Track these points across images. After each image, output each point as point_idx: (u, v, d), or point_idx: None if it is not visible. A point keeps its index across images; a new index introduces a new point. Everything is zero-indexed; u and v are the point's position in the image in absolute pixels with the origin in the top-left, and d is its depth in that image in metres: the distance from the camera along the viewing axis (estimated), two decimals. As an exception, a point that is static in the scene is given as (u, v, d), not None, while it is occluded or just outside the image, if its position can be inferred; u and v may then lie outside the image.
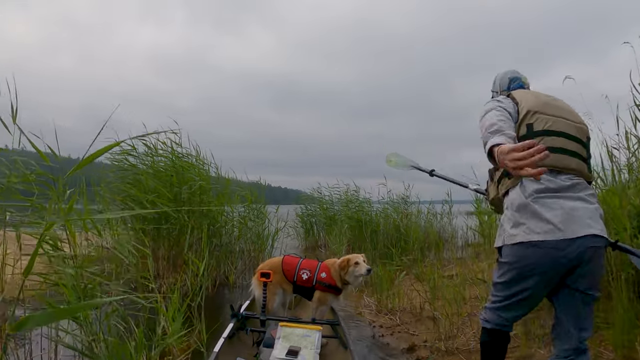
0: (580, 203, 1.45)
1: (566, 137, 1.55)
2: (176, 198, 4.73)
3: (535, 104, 1.60)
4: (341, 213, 8.02)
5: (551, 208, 1.43)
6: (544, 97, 1.68)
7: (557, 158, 1.49)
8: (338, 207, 8.47)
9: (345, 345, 2.48)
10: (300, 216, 9.07)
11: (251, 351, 2.51)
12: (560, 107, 1.65)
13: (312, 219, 9.00)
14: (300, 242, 8.77)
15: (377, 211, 7.48)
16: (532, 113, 1.57)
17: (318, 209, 8.94)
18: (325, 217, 8.46)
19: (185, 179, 4.75)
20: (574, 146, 1.56)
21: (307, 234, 8.94)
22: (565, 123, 1.58)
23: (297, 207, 9.35)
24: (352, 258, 2.79)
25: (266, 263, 3.02)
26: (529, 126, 1.56)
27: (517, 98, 1.65)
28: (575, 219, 1.40)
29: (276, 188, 36.64)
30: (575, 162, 1.53)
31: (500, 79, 1.99)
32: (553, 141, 1.51)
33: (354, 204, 7.75)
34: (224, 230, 5.15)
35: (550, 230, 1.40)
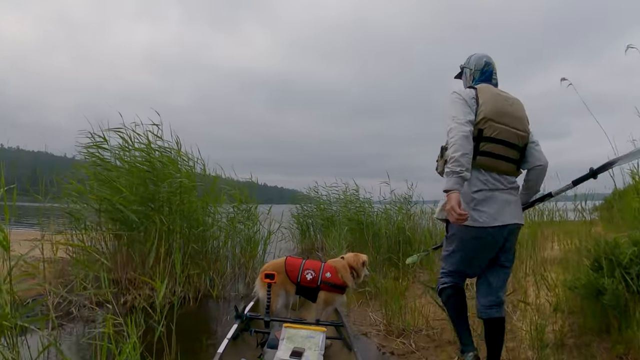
0: (508, 198, 1.95)
1: (506, 144, 1.94)
2: (153, 197, 4.14)
3: (491, 111, 1.92)
4: (340, 214, 7.44)
5: (489, 202, 1.90)
6: (501, 102, 1.98)
7: (495, 163, 1.94)
8: (336, 207, 7.89)
9: (350, 347, 2.48)
10: (296, 217, 8.49)
11: (255, 352, 2.49)
12: (511, 115, 1.97)
13: (309, 220, 8.41)
14: (296, 245, 8.18)
15: (378, 212, 6.90)
16: (486, 120, 1.91)
17: (315, 210, 8.36)
18: (322, 218, 7.86)
19: (163, 176, 4.15)
20: (511, 153, 1.97)
21: (303, 236, 8.35)
22: (509, 132, 1.94)
23: (293, 207, 8.78)
24: (365, 258, 2.95)
25: (269, 264, 2.98)
26: (480, 131, 1.91)
27: (481, 99, 1.94)
28: (505, 211, 1.92)
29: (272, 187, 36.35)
30: (508, 166, 1.98)
31: (476, 60, 2.18)
32: (495, 148, 1.93)
33: (354, 204, 7.15)
34: (209, 234, 4.53)
35: (489, 219, 1.89)
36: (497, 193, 1.93)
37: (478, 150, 1.91)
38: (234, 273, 4.83)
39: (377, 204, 7.21)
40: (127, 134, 4.56)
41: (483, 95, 1.96)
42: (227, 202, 5.01)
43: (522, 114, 2.05)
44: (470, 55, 2.22)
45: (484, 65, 2.15)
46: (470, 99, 1.94)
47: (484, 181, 1.93)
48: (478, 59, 2.17)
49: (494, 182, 1.94)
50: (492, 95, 1.98)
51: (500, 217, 1.90)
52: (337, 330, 2.77)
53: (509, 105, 2.00)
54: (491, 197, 1.92)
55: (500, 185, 1.95)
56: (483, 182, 1.93)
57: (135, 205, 3.98)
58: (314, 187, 8.56)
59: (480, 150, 1.91)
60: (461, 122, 1.86)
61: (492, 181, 1.94)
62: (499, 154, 1.93)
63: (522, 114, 2.05)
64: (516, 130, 1.97)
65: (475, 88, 2.01)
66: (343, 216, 7.10)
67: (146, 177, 4.12)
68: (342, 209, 7.38)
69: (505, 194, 1.96)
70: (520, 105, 2.07)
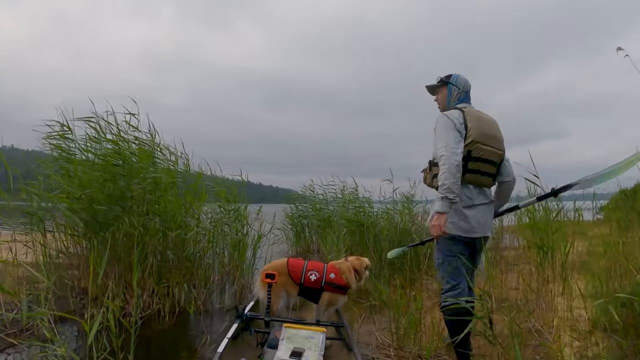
0: (487, 214, 2.31)
1: (489, 163, 2.27)
2: (124, 195, 3.56)
3: (478, 134, 2.19)
4: (337, 214, 6.91)
5: (473, 217, 2.22)
6: (485, 125, 2.25)
7: (480, 178, 2.27)
8: (333, 207, 7.35)
9: (350, 347, 2.47)
10: (290, 217, 7.93)
11: (255, 352, 2.48)
12: (493, 137, 2.28)
13: (304, 221, 7.85)
14: (290, 248, 7.62)
15: (377, 211, 6.36)
16: (474, 143, 2.19)
17: (310, 210, 7.80)
18: (318, 219, 7.30)
19: (137, 171, 3.58)
20: (491, 169, 2.31)
21: (297, 238, 7.79)
22: (491, 152, 2.26)
23: (287, 206, 8.22)
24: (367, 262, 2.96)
25: (271, 264, 2.95)
26: (469, 152, 2.19)
27: (469, 123, 2.19)
28: (484, 224, 2.28)
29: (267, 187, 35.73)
30: (488, 180, 2.33)
31: (464, 82, 2.40)
32: (481, 166, 2.24)
33: (352, 203, 6.61)
34: (190, 237, 3.95)
35: (472, 231, 2.22)
36: (481, 207, 2.25)
37: (467, 169, 2.19)
38: (220, 282, 4.26)
39: (376, 203, 6.69)
40: (98, 124, 3.99)
41: (471, 119, 2.19)
42: (213, 202, 4.43)
43: (500, 134, 2.35)
44: (456, 75, 2.43)
45: (469, 87, 2.42)
46: (459, 124, 2.16)
47: (470, 196, 2.22)
48: (465, 82, 2.41)
49: (479, 197, 2.26)
50: (477, 119, 2.23)
51: (481, 229, 2.24)
52: (337, 331, 2.77)
53: (490, 128, 2.28)
54: (477, 212, 2.23)
55: (484, 200, 2.29)
56: (470, 197, 2.22)
57: (100, 204, 3.40)
58: (310, 186, 8.02)
59: (469, 168, 2.20)
60: (454, 150, 2.07)
61: (477, 196, 2.25)
62: (483, 171, 2.24)
63: (500, 134, 2.35)
64: (496, 150, 2.28)
65: (462, 111, 2.24)
66: (341, 216, 6.57)
67: (116, 171, 3.54)
68: (340, 208, 6.85)
69: (487, 208, 2.30)
70: (497, 126, 2.35)
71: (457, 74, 2.42)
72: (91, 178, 3.39)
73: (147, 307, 3.63)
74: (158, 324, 3.46)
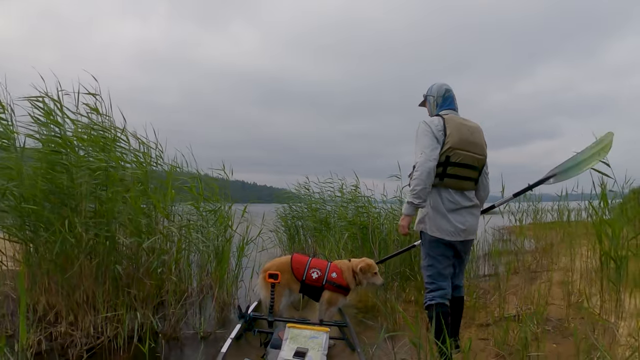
0: (471, 218, 2.34)
1: (469, 167, 2.29)
2: (67, 191, 2.76)
3: (457, 141, 2.22)
4: (336, 215, 6.15)
5: (456, 220, 2.27)
6: (465, 131, 2.27)
7: (460, 183, 2.29)
8: (331, 207, 6.58)
9: (353, 347, 2.47)
10: (283, 218, 7.14)
11: (259, 352, 2.46)
12: (472, 143, 2.29)
13: (298, 222, 7.06)
14: (283, 252, 6.82)
15: (380, 212, 5.60)
16: (453, 149, 2.21)
17: (306, 210, 7.00)
18: (315, 221, 6.51)
19: (80, 162, 2.77)
20: (472, 174, 2.33)
21: (291, 241, 7.00)
22: (471, 157, 2.28)
23: (281, 206, 7.44)
24: (374, 266, 2.83)
25: (274, 262, 2.90)
26: (447, 157, 2.22)
27: (448, 129, 2.23)
28: (468, 229, 2.31)
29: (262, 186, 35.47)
30: (469, 184, 2.35)
31: (437, 88, 2.48)
32: (461, 171, 2.26)
33: (354, 203, 5.84)
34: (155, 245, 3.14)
35: (455, 234, 2.26)
36: (464, 210, 2.32)
37: (446, 173, 2.25)
38: (194, 300, 3.46)
39: (379, 203, 5.93)
40: (46, 106, 3.18)
41: (450, 125, 2.25)
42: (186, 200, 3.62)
43: (481, 140, 2.37)
44: (431, 85, 2.51)
45: (445, 92, 2.44)
46: (438, 131, 2.23)
47: (452, 200, 2.29)
48: (439, 87, 2.46)
49: (462, 200, 2.32)
50: (457, 125, 2.27)
51: (465, 233, 2.31)
52: (340, 331, 2.74)
53: (471, 134, 2.30)
54: (460, 215, 2.30)
55: (467, 203, 2.34)
56: (452, 201, 2.29)
57: (33, 202, 2.59)
58: (305, 184, 7.21)
59: (448, 173, 2.25)
60: (428, 157, 2.16)
61: (459, 199, 2.30)
62: (463, 175, 2.29)
63: (481, 140, 2.37)
64: (476, 155, 2.31)
65: (443, 118, 2.29)
66: (340, 217, 5.82)
67: (54, 160, 2.73)
68: (339, 208, 6.09)
69: (471, 211, 2.36)
70: (480, 132, 2.38)
71: (433, 84, 2.52)
72: (20, 169, 2.58)
73: (99, 333, 2.84)
74: (111, 358, 2.67)
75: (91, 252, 2.87)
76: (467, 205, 2.32)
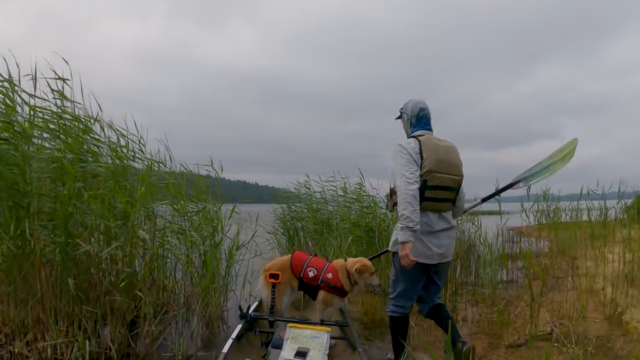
0: (447, 240, 2.29)
1: (446, 189, 2.26)
2: (21, 188, 2.30)
3: (434, 164, 2.20)
4: (338, 216, 5.69)
5: (432, 243, 2.23)
6: (441, 153, 2.24)
7: (438, 205, 2.26)
8: (333, 207, 6.11)
9: (354, 347, 2.45)
10: (282, 219, 6.68)
11: (260, 352, 2.44)
12: (449, 164, 2.27)
13: (298, 224, 6.57)
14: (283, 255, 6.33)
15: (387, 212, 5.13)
16: (430, 173, 2.19)
17: (306, 210, 6.52)
18: (315, 222, 6.03)
19: (37, 153, 2.31)
20: (449, 195, 2.30)
21: (290, 243, 6.52)
22: (448, 179, 2.26)
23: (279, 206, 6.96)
24: (370, 266, 2.71)
25: (275, 262, 2.89)
26: (425, 181, 2.19)
27: (424, 153, 2.21)
28: (444, 252, 2.28)
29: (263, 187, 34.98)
30: (447, 205, 2.32)
31: (412, 106, 2.43)
32: (438, 193, 2.23)
33: (358, 203, 5.36)
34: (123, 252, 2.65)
35: (431, 257, 2.23)
36: (442, 234, 2.26)
37: (424, 197, 2.19)
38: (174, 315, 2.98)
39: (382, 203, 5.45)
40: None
41: (426, 149, 2.22)
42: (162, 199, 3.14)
43: (457, 160, 2.35)
44: (407, 101, 2.49)
45: (419, 111, 2.41)
46: (415, 154, 2.20)
47: (429, 223, 2.23)
48: (414, 106, 2.43)
49: (439, 222, 2.26)
50: (433, 147, 2.24)
51: (440, 256, 2.27)
52: (341, 331, 2.73)
53: (447, 154, 2.28)
54: (437, 238, 2.24)
55: (445, 225, 2.29)
56: (429, 224, 2.23)
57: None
58: (305, 183, 6.72)
59: (426, 196, 2.20)
60: (410, 181, 2.12)
61: (437, 221, 2.26)
62: (441, 197, 2.26)
63: (457, 160, 2.35)
64: (453, 176, 2.29)
65: (419, 140, 2.26)
66: (343, 219, 5.36)
67: (4, 152, 2.27)
68: (342, 209, 5.62)
69: (448, 234, 2.31)
70: (455, 152, 2.36)
71: (409, 100, 2.48)
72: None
73: (59, 354, 2.39)
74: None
75: (50, 261, 2.42)
76: (445, 228, 2.29)
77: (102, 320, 2.47)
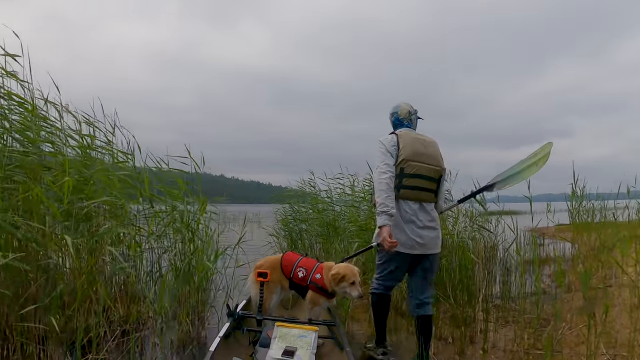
0: (428, 232, 2.34)
1: (424, 178, 2.35)
2: None
3: (410, 153, 2.31)
4: (345, 218, 5.03)
5: (414, 233, 2.29)
6: (418, 145, 2.37)
7: (417, 194, 2.34)
8: (340, 208, 5.44)
9: (342, 346, 2.46)
10: (283, 221, 6.04)
11: (247, 351, 2.42)
12: (427, 155, 2.37)
13: (302, 226, 5.92)
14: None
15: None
16: (406, 161, 2.30)
17: (310, 211, 5.86)
18: (321, 225, 5.36)
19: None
20: (428, 184, 2.38)
21: (293, 248, 5.88)
22: (426, 168, 2.35)
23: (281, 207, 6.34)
24: (350, 276, 2.51)
25: (266, 261, 2.85)
26: (402, 169, 2.30)
27: (401, 144, 2.33)
28: (427, 243, 2.33)
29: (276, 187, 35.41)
30: (428, 195, 2.39)
31: (404, 108, 2.57)
32: (416, 182, 2.33)
33: (367, 203, 4.68)
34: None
35: (411, 247, 2.30)
36: (422, 224, 2.32)
37: (402, 185, 2.30)
38: (121, 342, 2.35)
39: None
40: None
41: (403, 140, 2.35)
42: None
43: (436, 153, 2.45)
44: (397, 105, 2.61)
45: (406, 114, 2.56)
46: (391, 147, 2.32)
47: (410, 211, 2.32)
48: (401, 110, 2.57)
49: (419, 213, 2.33)
50: (410, 139, 2.37)
51: (423, 248, 2.31)
52: (329, 330, 2.69)
53: (425, 147, 2.39)
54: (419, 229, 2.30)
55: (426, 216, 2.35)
56: (410, 212, 2.31)
57: None
58: (309, 181, 6.06)
59: (404, 184, 2.31)
60: (382, 171, 2.25)
61: (417, 211, 2.33)
62: (419, 186, 2.34)
63: (436, 153, 2.45)
64: (431, 166, 2.38)
65: (397, 134, 2.39)
66: (350, 220, 4.70)
67: None
68: (350, 209, 4.95)
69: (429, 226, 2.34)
70: (434, 146, 2.48)
71: (399, 103, 2.61)
72: None
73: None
74: None
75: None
76: (427, 219, 2.35)
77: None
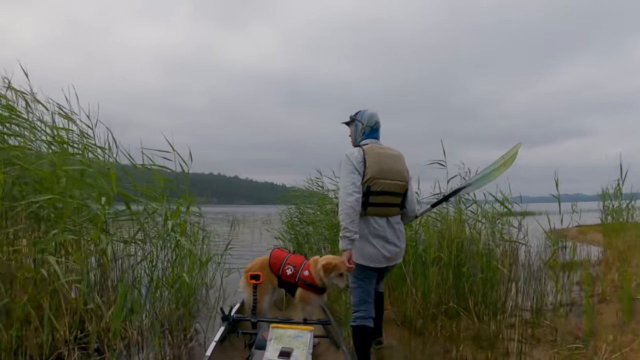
0: (394, 247, 2.36)
1: (390, 194, 2.34)
2: None
3: (376, 171, 2.28)
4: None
5: (382, 247, 2.30)
6: (384, 161, 2.34)
7: (384, 210, 2.34)
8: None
9: (337, 345, 2.49)
10: (288, 223, 5.69)
11: (243, 354, 2.45)
12: (392, 171, 2.34)
13: (309, 228, 5.55)
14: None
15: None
16: (373, 179, 2.27)
17: (318, 213, 5.49)
18: (329, 227, 4.99)
19: None
20: (395, 200, 2.38)
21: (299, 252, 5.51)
22: (392, 184, 2.33)
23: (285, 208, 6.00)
24: (340, 266, 2.51)
25: (255, 262, 2.85)
26: (368, 187, 2.26)
27: (367, 161, 2.29)
28: (392, 256, 2.36)
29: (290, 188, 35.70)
30: (393, 210, 2.40)
31: (368, 117, 2.49)
32: (382, 198, 2.31)
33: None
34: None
35: (378, 261, 2.31)
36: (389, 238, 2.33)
37: (369, 203, 2.28)
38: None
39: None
40: None
41: (369, 157, 2.30)
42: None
43: (401, 167, 2.44)
44: (363, 111, 2.53)
45: (375, 123, 2.49)
46: (358, 162, 2.28)
47: (377, 227, 2.31)
48: (370, 117, 2.49)
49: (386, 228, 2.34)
50: (376, 156, 2.33)
51: (386, 260, 2.33)
52: (324, 329, 2.73)
53: (390, 161, 2.37)
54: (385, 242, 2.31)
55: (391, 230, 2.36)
56: (377, 227, 2.31)
57: None
58: (317, 179, 5.69)
59: (370, 202, 2.28)
60: (349, 192, 2.20)
61: (384, 226, 2.33)
62: (385, 202, 2.33)
63: (401, 167, 2.44)
64: (396, 181, 2.37)
65: (363, 149, 2.34)
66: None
67: None
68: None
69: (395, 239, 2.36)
70: (400, 159, 2.46)
71: (364, 110, 2.53)
72: None
73: None
74: None
75: None
76: (392, 235, 2.36)
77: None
